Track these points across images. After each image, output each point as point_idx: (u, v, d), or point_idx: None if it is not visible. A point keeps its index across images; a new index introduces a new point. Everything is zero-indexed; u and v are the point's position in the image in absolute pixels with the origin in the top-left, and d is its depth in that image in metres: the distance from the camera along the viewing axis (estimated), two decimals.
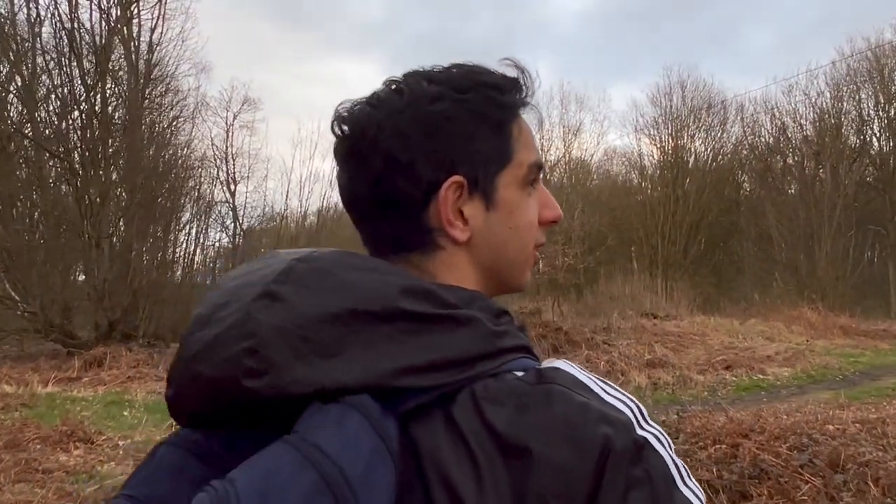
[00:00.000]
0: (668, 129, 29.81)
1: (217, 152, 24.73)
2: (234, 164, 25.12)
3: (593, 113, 33.44)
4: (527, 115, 0.73)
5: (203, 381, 0.55)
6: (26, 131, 15.37)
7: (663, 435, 0.57)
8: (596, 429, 0.53)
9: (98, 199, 15.44)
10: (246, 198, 24.72)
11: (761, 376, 10.95)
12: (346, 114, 0.68)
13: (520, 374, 0.59)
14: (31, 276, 15.33)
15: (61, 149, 15.26)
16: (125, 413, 8.18)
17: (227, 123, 25.30)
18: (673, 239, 28.34)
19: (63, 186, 15.76)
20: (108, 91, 16.10)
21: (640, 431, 0.56)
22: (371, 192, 0.67)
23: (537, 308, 14.68)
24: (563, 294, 17.32)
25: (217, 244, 24.05)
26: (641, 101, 41.51)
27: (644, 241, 28.79)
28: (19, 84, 15.31)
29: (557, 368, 0.59)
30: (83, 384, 10.03)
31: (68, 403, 8.77)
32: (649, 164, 31.35)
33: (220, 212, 24.00)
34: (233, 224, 25.31)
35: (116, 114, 16.60)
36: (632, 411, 0.58)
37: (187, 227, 20.98)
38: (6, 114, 15.67)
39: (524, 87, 0.71)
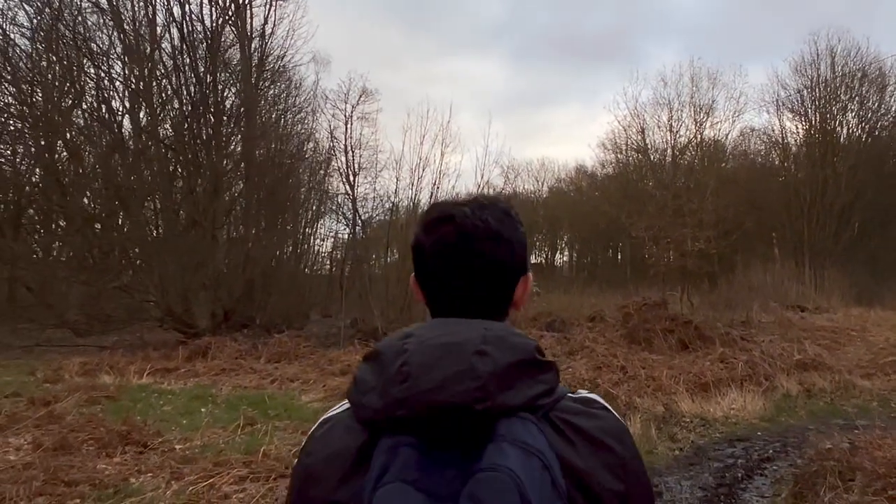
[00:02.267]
0: (814, 101, 26.52)
1: (336, 144, 24.45)
2: (353, 156, 24.72)
3: (727, 90, 30.33)
4: None
5: (440, 407, 0.80)
6: (147, 128, 15.43)
7: None
8: (627, 434, 0.94)
9: (212, 191, 15.29)
10: (358, 188, 24.15)
11: None
12: (479, 222, 0.99)
13: (574, 395, 0.96)
14: (153, 266, 15.44)
15: (176, 141, 15.22)
16: (203, 409, 7.49)
17: (345, 116, 24.92)
18: (822, 223, 25.14)
19: (180, 179, 15.71)
20: (221, 82, 15.91)
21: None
22: (494, 276, 1.01)
23: (663, 299, 12.89)
24: (693, 283, 15.31)
25: (335, 234, 23.70)
26: (783, 73, 37.49)
27: (787, 226, 25.77)
28: (141, 86, 15.38)
29: (594, 399, 0.97)
30: (178, 375, 9.56)
31: (154, 397, 8.25)
32: (793, 142, 28.09)
33: (338, 202, 23.65)
34: (352, 215, 24.96)
35: (229, 104, 16.42)
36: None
37: (305, 218, 20.67)
38: (134, 114, 15.88)
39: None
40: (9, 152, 17.38)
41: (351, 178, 25.18)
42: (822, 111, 26.35)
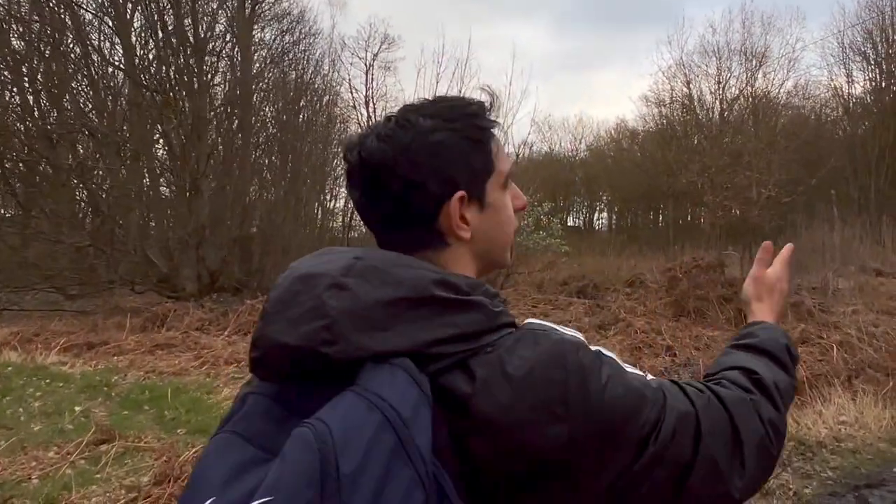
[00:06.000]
0: (884, 42, 22.79)
1: (356, 95, 21.84)
2: (373, 108, 22.07)
3: (783, 35, 26.68)
4: (497, 133, 0.86)
5: (287, 349, 0.67)
6: (119, 64, 13.17)
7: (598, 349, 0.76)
8: (570, 351, 0.72)
9: (194, 136, 12.95)
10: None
11: None
12: (358, 147, 0.81)
13: (511, 335, 0.73)
14: (129, 222, 13.31)
15: (151, 80, 12.91)
16: (78, 408, 5.20)
17: (365, 64, 22.20)
18: (892, 179, 21.66)
19: (159, 123, 13.38)
20: (201, 16, 13.46)
21: (591, 346, 0.75)
22: (392, 209, 0.80)
23: (718, 261, 10.14)
24: (754, 242, 12.38)
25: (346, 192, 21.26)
26: (850, 9, 33.05)
27: (851, 183, 22.34)
28: (113, 14, 13.06)
29: (529, 321, 0.77)
30: (99, 353, 7.32)
31: (39, 384, 6.01)
32: (861, 88, 24.37)
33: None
34: None
35: (215, 43, 14.02)
36: (581, 337, 0.76)
37: (312, 170, 18.16)
38: (104, 51, 13.63)
39: (494, 110, 0.85)
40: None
41: None
42: (893, 52, 22.62)
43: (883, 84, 22.80)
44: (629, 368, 0.77)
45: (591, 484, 0.69)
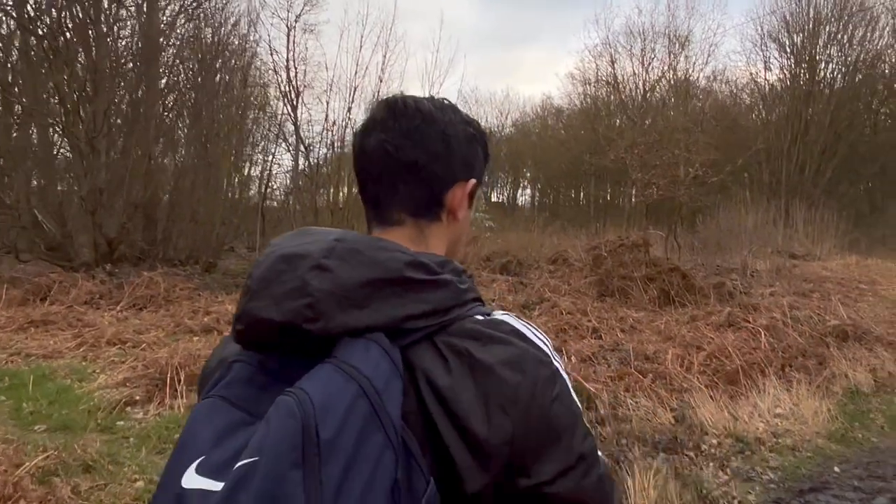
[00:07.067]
0: (799, 31, 23.35)
1: (279, 58, 20.56)
2: (294, 72, 20.84)
3: (705, 20, 27.13)
4: None
5: (272, 324, 0.69)
6: (9, 8, 11.68)
7: (560, 361, 0.78)
8: (537, 364, 0.74)
9: (90, 89, 11.66)
10: (302, 110, 20.44)
11: None
12: (412, 98, 0.88)
13: (480, 318, 0.76)
14: (16, 183, 11.94)
15: (44, 25, 11.52)
16: None
17: (287, 25, 20.91)
18: (801, 164, 22.34)
19: (52, 75, 11.98)
20: None
21: (554, 363, 0.76)
22: (422, 162, 0.85)
23: (643, 240, 9.92)
24: (676, 222, 12.31)
25: (263, 157, 20.20)
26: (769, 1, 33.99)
27: (764, 167, 22.90)
28: None
29: (503, 321, 0.77)
30: None
31: None
32: (777, 78, 25.00)
33: (270, 119, 20.08)
34: (294, 139, 21.27)
35: None
36: (548, 347, 0.78)
37: (227, 134, 16.95)
38: None
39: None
40: None
41: (293, 97, 21.50)
42: (807, 44, 23.20)
43: (797, 72, 23.40)
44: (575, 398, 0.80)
45: (522, 479, 0.71)
